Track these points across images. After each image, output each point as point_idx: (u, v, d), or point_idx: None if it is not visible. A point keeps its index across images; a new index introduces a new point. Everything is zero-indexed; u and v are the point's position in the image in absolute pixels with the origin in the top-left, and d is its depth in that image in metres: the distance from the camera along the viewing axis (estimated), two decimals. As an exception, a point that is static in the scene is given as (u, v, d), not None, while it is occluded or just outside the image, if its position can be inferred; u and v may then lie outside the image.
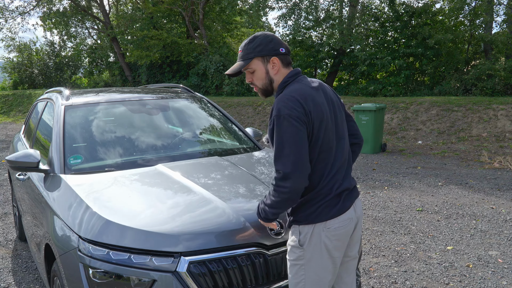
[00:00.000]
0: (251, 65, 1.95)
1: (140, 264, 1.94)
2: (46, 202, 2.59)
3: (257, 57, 1.94)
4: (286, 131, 1.79)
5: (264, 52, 1.93)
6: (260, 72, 1.95)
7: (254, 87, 2.01)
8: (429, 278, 3.55)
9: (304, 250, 1.89)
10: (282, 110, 1.80)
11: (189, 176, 2.59)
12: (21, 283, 3.65)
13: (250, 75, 1.98)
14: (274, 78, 1.96)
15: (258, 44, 1.93)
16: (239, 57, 1.98)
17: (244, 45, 1.97)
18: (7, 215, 5.58)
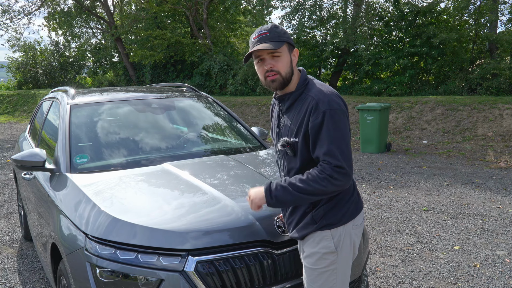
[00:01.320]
0: (280, 50, 1.81)
1: (147, 264, 1.93)
2: (52, 201, 2.58)
3: (286, 43, 1.83)
4: (345, 126, 1.75)
5: (291, 41, 1.86)
6: (287, 59, 1.82)
7: (272, 76, 1.82)
8: (436, 278, 3.53)
9: (338, 253, 1.85)
10: (336, 104, 1.74)
11: (196, 175, 2.58)
12: (26, 283, 3.65)
13: (272, 60, 1.81)
14: (293, 70, 1.86)
15: (285, 31, 1.85)
16: (265, 39, 1.79)
17: (271, 29, 1.81)
18: (12, 214, 5.60)
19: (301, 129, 1.80)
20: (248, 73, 17.54)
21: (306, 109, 1.80)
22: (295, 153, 1.85)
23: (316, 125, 1.74)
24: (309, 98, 1.81)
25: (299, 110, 1.84)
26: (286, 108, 1.91)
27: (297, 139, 1.82)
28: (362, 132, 9.51)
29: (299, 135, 1.81)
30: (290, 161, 1.89)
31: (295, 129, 1.83)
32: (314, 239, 1.87)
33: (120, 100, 3.50)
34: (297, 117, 1.84)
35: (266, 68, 1.82)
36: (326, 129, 1.72)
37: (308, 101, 1.81)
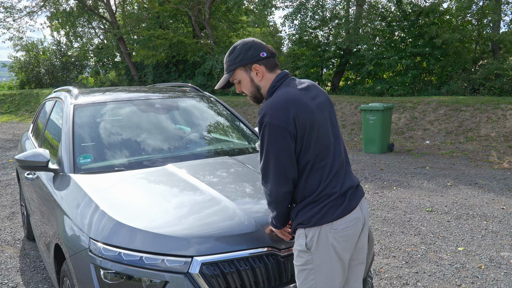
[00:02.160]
0: (235, 76, 1.96)
1: (151, 265, 1.91)
2: (55, 202, 2.58)
3: (239, 68, 1.94)
4: (269, 140, 1.80)
5: (245, 61, 1.92)
6: (245, 81, 1.95)
7: (247, 96, 2.01)
8: (440, 279, 3.51)
9: (312, 253, 1.85)
10: (266, 117, 1.79)
11: (199, 177, 2.56)
12: (29, 283, 3.65)
13: (238, 85, 1.99)
14: (260, 85, 1.94)
15: (238, 54, 1.93)
16: (224, 70, 1.99)
17: (226, 57, 1.97)
18: (15, 214, 5.60)
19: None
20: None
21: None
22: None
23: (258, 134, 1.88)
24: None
25: None
26: None
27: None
28: (365, 132, 9.49)
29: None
30: None
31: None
32: (296, 236, 1.93)
33: (123, 100, 3.49)
34: None
35: (237, 91, 2.02)
36: (260, 141, 1.85)
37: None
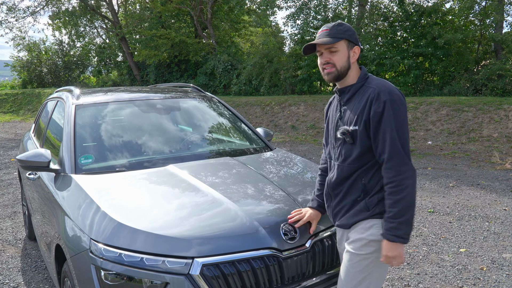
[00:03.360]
0: (337, 45, 1.95)
1: (152, 267, 1.91)
2: (56, 202, 2.57)
3: (345, 40, 1.96)
4: (404, 116, 1.86)
5: (352, 38, 1.97)
6: (343, 54, 1.95)
7: (327, 69, 1.97)
8: (442, 281, 3.49)
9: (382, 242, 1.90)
10: (396, 95, 1.86)
11: (201, 178, 2.56)
12: (30, 283, 3.65)
13: (329, 55, 1.96)
14: (351, 65, 1.98)
15: (348, 29, 1.97)
16: (324, 35, 1.96)
17: (333, 26, 1.97)
18: (16, 214, 5.60)
19: (361, 118, 1.90)
20: (252, 73, 17.52)
21: (367, 98, 1.90)
22: (354, 141, 1.94)
23: (377, 114, 1.85)
24: (370, 89, 1.92)
25: (359, 100, 1.94)
26: (346, 100, 2.01)
27: (356, 127, 1.92)
28: (367, 132, 9.47)
29: (358, 123, 1.91)
30: (348, 149, 1.97)
31: (355, 118, 1.93)
32: (363, 226, 1.95)
33: (125, 101, 3.49)
34: (357, 107, 1.94)
35: (322, 61, 1.98)
36: (387, 119, 1.83)
37: (369, 91, 1.91)
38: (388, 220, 1.86)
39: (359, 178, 1.96)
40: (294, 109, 14.28)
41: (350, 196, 2.00)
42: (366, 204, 1.95)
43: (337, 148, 2.04)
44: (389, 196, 1.86)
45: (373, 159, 1.94)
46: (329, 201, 2.12)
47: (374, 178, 1.94)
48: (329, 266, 2.25)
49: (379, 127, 1.86)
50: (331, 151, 2.11)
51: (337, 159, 2.04)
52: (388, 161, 1.86)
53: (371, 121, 1.87)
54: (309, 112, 13.87)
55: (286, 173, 2.94)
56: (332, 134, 2.09)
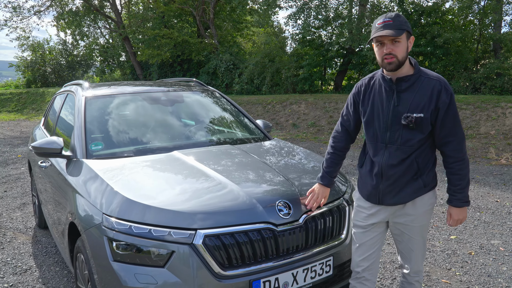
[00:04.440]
0: (400, 37, 2.07)
1: (159, 237, 2.11)
2: (69, 184, 2.78)
3: (406, 32, 2.10)
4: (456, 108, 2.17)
5: (410, 30, 2.12)
6: (404, 46, 2.09)
7: (390, 59, 2.09)
8: (431, 264, 3.68)
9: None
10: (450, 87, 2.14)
11: (203, 162, 2.76)
12: (41, 266, 3.85)
13: (392, 45, 2.08)
14: (407, 55, 2.14)
15: (406, 20, 2.10)
16: (387, 26, 2.05)
17: (395, 17, 2.08)
18: (25, 205, 5.82)
19: (428, 106, 2.11)
20: (254, 73, 17.72)
21: (433, 89, 2.10)
22: (417, 127, 2.14)
23: (446, 104, 2.10)
24: (433, 80, 2.12)
25: (422, 90, 2.13)
26: (404, 88, 2.16)
27: (422, 114, 2.12)
28: (366, 129, 9.64)
29: (425, 111, 2.11)
30: (409, 133, 2.17)
31: (421, 105, 2.12)
32: (424, 200, 2.27)
33: (132, 93, 3.70)
34: (420, 96, 2.12)
35: (385, 51, 2.09)
36: (453, 108, 2.12)
37: (432, 83, 2.12)
38: (457, 191, 2.21)
39: (415, 159, 2.19)
40: (295, 108, 14.47)
41: (406, 176, 2.22)
42: (423, 181, 2.23)
43: (393, 132, 2.19)
44: (458, 172, 2.18)
45: (427, 142, 2.20)
46: (379, 182, 2.29)
47: (426, 158, 2.22)
48: (320, 240, 2.44)
49: (447, 115, 2.11)
50: (380, 134, 2.24)
51: (394, 142, 2.20)
52: (458, 144, 2.16)
53: (440, 109, 2.10)
54: (310, 111, 14.05)
55: (282, 159, 3.14)
56: (385, 119, 2.21)
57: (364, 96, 2.32)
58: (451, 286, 3.29)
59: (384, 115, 2.22)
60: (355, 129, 2.46)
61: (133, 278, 2.09)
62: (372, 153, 2.31)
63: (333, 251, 2.47)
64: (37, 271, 3.73)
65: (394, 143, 2.21)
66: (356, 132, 2.47)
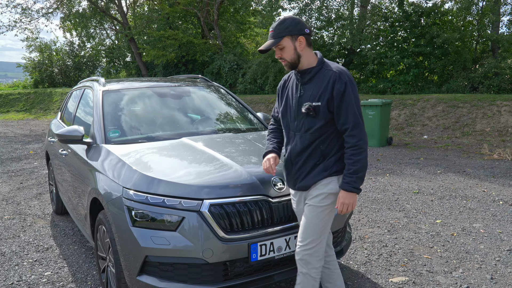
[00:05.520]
0: (282, 43, 2.30)
1: (172, 206, 2.48)
2: (91, 166, 3.16)
3: (287, 36, 2.30)
4: (356, 92, 2.29)
5: (294, 32, 2.30)
6: (289, 48, 2.31)
7: (283, 62, 2.35)
8: (416, 243, 4.04)
9: (337, 195, 2.38)
10: (350, 76, 2.28)
11: (209, 147, 3.13)
12: (61, 245, 4.24)
13: (280, 51, 2.33)
14: (301, 54, 2.33)
15: (289, 25, 2.30)
16: (270, 36, 2.31)
17: (276, 26, 2.31)
18: (41, 194, 6.22)
19: (324, 95, 2.28)
20: (257, 72, 18.10)
21: (329, 79, 2.28)
22: (316, 115, 2.31)
23: (340, 92, 2.26)
24: (331, 72, 2.30)
25: (320, 81, 2.31)
26: (306, 80, 2.36)
27: (319, 103, 2.29)
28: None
29: (322, 100, 2.28)
30: (311, 121, 2.34)
31: (318, 95, 2.30)
32: (323, 183, 2.37)
33: (144, 88, 4.08)
34: (319, 86, 2.30)
35: (276, 57, 2.38)
36: (348, 96, 2.26)
37: (329, 74, 2.29)
38: (348, 175, 2.28)
39: (318, 145, 2.35)
40: (297, 106, 14.84)
41: (310, 161, 2.38)
42: (324, 166, 2.37)
43: (299, 120, 2.39)
44: (351, 157, 2.27)
45: (330, 129, 2.34)
46: (290, 168, 2.48)
47: (330, 144, 2.36)
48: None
49: (342, 103, 2.26)
50: (291, 124, 2.45)
51: (299, 130, 2.39)
52: (351, 130, 2.27)
53: (334, 98, 2.26)
54: (311, 109, 14.42)
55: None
56: (293, 109, 2.42)
57: (283, 89, 2.55)
58: (432, 261, 3.64)
59: (293, 106, 2.42)
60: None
61: (149, 240, 2.47)
62: (286, 142, 2.52)
63: (322, 222, 2.83)
64: (57, 249, 4.12)
65: (299, 131, 2.40)
66: None
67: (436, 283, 3.25)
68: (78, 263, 3.78)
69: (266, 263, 2.63)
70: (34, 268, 3.69)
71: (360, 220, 4.75)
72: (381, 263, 3.64)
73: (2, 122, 18.73)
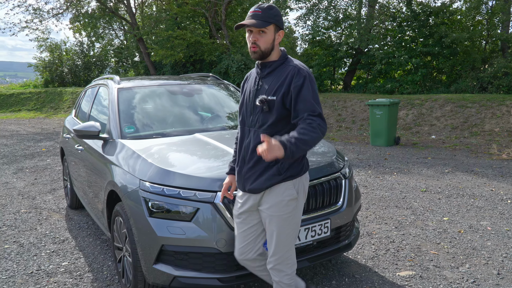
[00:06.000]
0: (266, 28, 2.17)
1: (187, 197, 2.58)
2: (108, 160, 3.27)
3: (274, 24, 2.19)
4: (315, 85, 2.20)
5: (279, 23, 2.22)
6: (269, 37, 2.19)
7: (254, 48, 2.19)
8: (423, 239, 4.11)
9: (297, 199, 2.28)
10: (309, 71, 2.22)
11: (220, 141, 3.23)
12: (77, 237, 4.37)
13: (258, 35, 2.18)
14: (274, 47, 2.24)
15: (277, 14, 2.20)
16: (257, 16, 2.15)
17: (265, 9, 2.17)
18: (55, 190, 6.36)
19: (281, 90, 2.17)
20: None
21: (287, 74, 2.19)
22: (270, 109, 2.21)
23: (298, 86, 2.15)
24: (290, 67, 2.22)
25: (279, 75, 2.22)
26: (266, 74, 2.27)
27: (274, 97, 2.19)
28: (372, 126, 10.05)
29: (277, 94, 2.18)
30: (264, 117, 2.23)
31: (274, 89, 2.20)
32: (278, 190, 2.24)
33: (157, 85, 4.20)
34: (277, 80, 2.21)
35: (251, 40, 2.20)
36: (306, 89, 2.14)
37: (289, 69, 2.21)
38: (292, 137, 2.00)
39: None
40: (305, 106, 14.90)
41: (263, 162, 2.23)
42: (278, 169, 2.21)
43: (254, 115, 2.28)
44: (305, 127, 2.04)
45: (285, 127, 2.21)
46: (242, 166, 2.34)
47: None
48: (320, 205, 2.89)
49: (298, 97, 2.12)
50: (246, 119, 2.34)
51: (254, 125, 2.28)
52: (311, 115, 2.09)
53: (292, 92, 2.14)
54: (319, 109, 14.48)
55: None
56: (249, 103, 2.32)
57: (245, 83, 2.44)
58: (439, 256, 3.71)
59: (250, 100, 2.31)
60: None
61: (165, 230, 2.57)
62: (240, 138, 2.38)
63: (331, 216, 2.92)
64: (73, 241, 4.25)
65: (253, 126, 2.28)
66: None
67: (443, 277, 3.32)
68: (93, 254, 3.90)
69: (277, 254, 2.72)
70: (51, 258, 3.82)
71: (367, 216, 4.82)
72: (388, 257, 3.72)
73: (14, 121, 19.02)
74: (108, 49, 29.13)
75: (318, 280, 3.32)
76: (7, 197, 6.00)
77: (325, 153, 3.30)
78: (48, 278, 3.44)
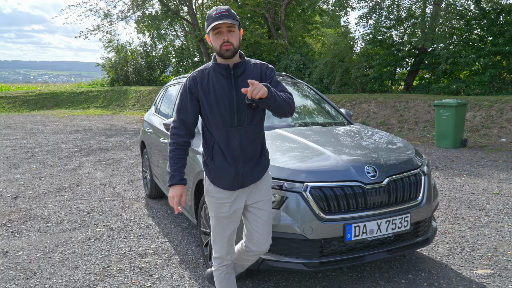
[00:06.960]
0: (236, 27, 2.32)
1: (276, 187, 2.79)
2: (196, 151, 3.56)
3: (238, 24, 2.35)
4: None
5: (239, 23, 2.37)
6: (237, 35, 2.33)
7: (227, 46, 2.28)
8: (499, 240, 4.06)
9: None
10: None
11: (302, 137, 3.42)
12: (159, 224, 4.73)
13: (229, 33, 2.29)
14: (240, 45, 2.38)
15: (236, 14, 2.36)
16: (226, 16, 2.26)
17: (228, 10, 2.30)
18: (133, 181, 6.86)
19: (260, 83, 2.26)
20: (324, 72, 18.19)
21: (259, 70, 2.41)
22: (257, 105, 2.35)
23: (270, 76, 2.40)
24: (258, 64, 2.44)
25: (252, 73, 2.38)
26: (240, 73, 2.38)
27: None
28: (438, 127, 9.81)
29: None
30: (252, 112, 2.37)
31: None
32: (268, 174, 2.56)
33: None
34: (253, 77, 2.36)
35: (224, 39, 2.28)
36: (275, 77, 2.43)
37: (257, 65, 2.43)
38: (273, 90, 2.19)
39: (259, 137, 2.43)
40: (365, 106, 14.76)
41: (256, 154, 2.43)
42: (266, 157, 2.51)
43: (240, 114, 2.34)
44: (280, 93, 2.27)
45: (263, 120, 2.45)
46: (237, 165, 2.39)
47: (263, 136, 2.50)
48: (400, 200, 2.99)
49: (272, 83, 2.37)
50: (228, 119, 2.34)
51: (241, 123, 2.35)
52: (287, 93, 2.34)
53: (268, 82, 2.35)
54: (380, 110, 14.28)
55: (367, 137, 3.72)
56: (230, 103, 2.34)
57: (202, 85, 2.37)
58: (517, 258, 3.67)
59: (229, 100, 2.33)
60: (194, 122, 2.43)
61: (256, 216, 2.79)
62: (224, 140, 2.36)
63: (411, 210, 3.01)
64: (157, 227, 4.62)
65: (242, 125, 2.35)
66: (194, 124, 2.44)
67: (523, 278, 3.30)
68: (177, 239, 4.23)
69: (358, 244, 2.86)
70: (140, 241, 4.19)
71: (439, 216, 4.81)
72: (464, 256, 3.72)
73: (84, 117, 20.38)
74: (169, 49, 30.31)
75: (393, 273, 3.42)
76: (91, 186, 6.56)
77: (405, 150, 3.39)
78: (140, 258, 3.79)
